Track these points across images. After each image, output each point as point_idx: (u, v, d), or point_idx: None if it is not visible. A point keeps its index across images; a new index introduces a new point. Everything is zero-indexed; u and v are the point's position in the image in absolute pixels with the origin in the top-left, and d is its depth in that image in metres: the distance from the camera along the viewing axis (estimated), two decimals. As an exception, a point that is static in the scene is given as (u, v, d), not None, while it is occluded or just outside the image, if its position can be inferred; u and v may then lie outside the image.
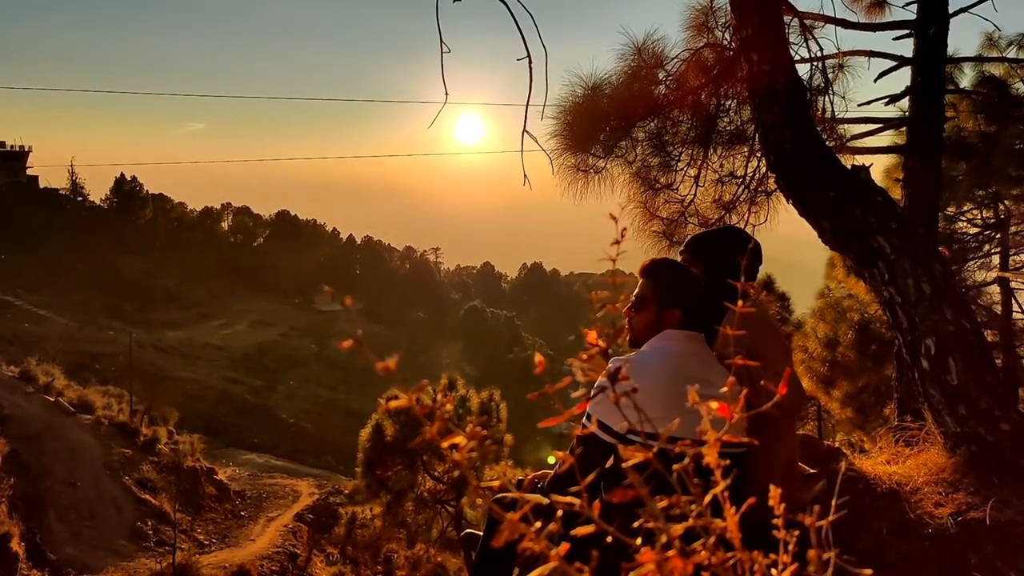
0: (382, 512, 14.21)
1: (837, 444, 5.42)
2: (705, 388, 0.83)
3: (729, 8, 4.61)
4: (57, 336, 55.54)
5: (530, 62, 3.68)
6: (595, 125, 5.47)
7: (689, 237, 3.20)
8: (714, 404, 0.80)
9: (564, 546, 0.68)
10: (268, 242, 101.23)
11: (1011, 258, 11.50)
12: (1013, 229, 11.30)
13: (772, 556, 0.76)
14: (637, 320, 2.54)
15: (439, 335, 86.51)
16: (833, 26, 6.36)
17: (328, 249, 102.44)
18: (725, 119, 5.67)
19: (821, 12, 6.21)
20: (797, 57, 5.58)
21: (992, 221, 11.44)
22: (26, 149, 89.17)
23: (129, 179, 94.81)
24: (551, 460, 3.21)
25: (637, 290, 2.55)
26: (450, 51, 3.78)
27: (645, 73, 5.52)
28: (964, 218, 11.73)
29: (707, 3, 5.77)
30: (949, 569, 2.75)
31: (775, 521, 0.78)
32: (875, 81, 7.55)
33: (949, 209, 11.26)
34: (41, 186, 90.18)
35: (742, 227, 5.77)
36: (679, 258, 3.08)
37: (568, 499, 0.69)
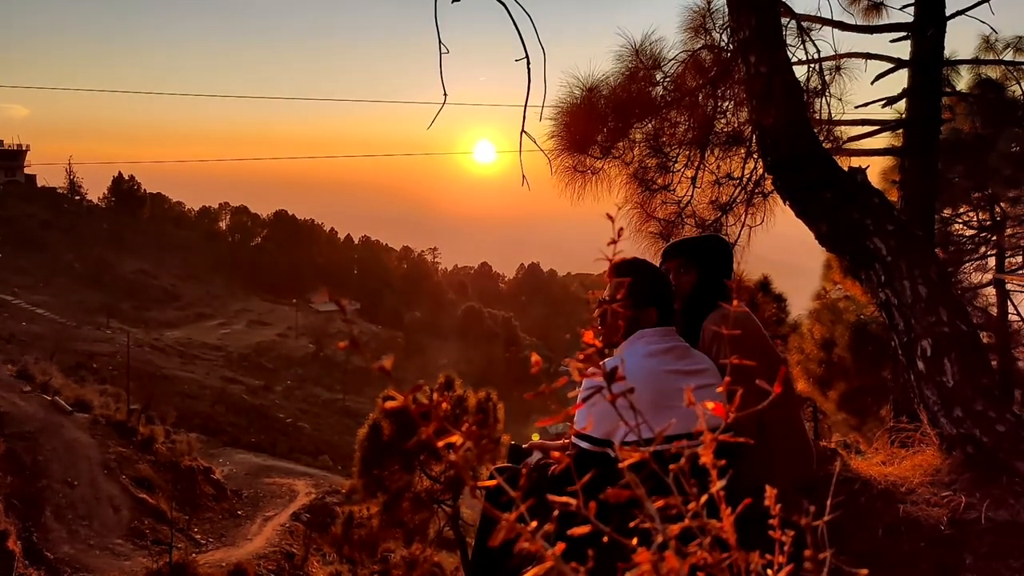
0: (379, 512, 14.19)
1: (833, 445, 5.43)
2: (689, 379, 0.83)
3: (727, 10, 4.62)
4: (54, 335, 55.36)
5: (528, 63, 3.68)
6: (592, 126, 5.48)
7: (675, 243, 3.26)
8: (709, 404, 0.81)
9: (560, 546, 0.68)
10: (266, 242, 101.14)
11: (1007, 260, 11.52)
12: (1009, 231, 11.32)
13: (768, 556, 0.76)
14: (612, 321, 2.51)
15: (436, 335, 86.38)
16: (830, 28, 6.37)
17: (326, 249, 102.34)
18: (722, 120, 5.68)
19: (818, 14, 6.22)
20: (794, 59, 5.59)
21: (988, 223, 11.45)
22: (24, 148, 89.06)
23: (127, 178, 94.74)
24: (535, 438, 3.23)
25: (609, 291, 2.32)
26: (448, 52, 3.77)
27: (642, 74, 5.53)
28: (960, 220, 11.75)
29: (705, 5, 5.78)
30: (944, 570, 2.76)
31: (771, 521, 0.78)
32: (872, 83, 7.58)
33: (945, 211, 11.28)
34: (39, 185, 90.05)
35: (739, 228, 5.79)
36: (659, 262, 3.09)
37: (565, 499, 0.69)
